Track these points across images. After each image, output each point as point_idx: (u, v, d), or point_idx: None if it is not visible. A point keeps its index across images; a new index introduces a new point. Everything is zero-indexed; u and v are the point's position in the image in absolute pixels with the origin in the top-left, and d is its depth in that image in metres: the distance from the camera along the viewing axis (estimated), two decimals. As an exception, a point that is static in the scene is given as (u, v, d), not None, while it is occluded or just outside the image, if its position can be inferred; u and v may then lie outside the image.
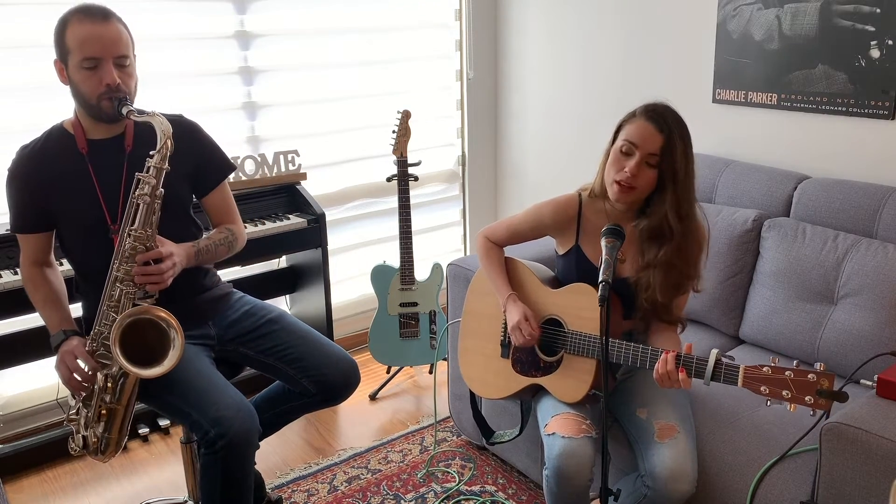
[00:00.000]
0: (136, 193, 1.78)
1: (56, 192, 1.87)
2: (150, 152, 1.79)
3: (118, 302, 1.79)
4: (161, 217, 1.82)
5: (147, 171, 1.79)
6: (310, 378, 2.03)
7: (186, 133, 1.96)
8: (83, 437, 1.86)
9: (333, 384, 2.04)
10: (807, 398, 1.55)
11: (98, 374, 1.81)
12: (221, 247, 2.01)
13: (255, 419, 1.86)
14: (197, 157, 1.99)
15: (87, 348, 1.82)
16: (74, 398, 1.87)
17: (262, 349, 2.05)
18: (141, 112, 1.80)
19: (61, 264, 2.09)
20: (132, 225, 1.78)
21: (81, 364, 1.79)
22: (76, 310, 2.00)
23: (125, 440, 1.90)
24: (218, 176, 2.06)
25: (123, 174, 1.88)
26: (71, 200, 1.88)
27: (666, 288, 1.84)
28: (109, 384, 1.80)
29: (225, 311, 2.09)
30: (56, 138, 1.90)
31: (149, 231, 1.79)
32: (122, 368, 1.74)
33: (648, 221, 1.85)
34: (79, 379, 1.80)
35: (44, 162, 1.87)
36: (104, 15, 1.80)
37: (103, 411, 1.83)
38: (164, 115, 1.94)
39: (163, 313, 1.77)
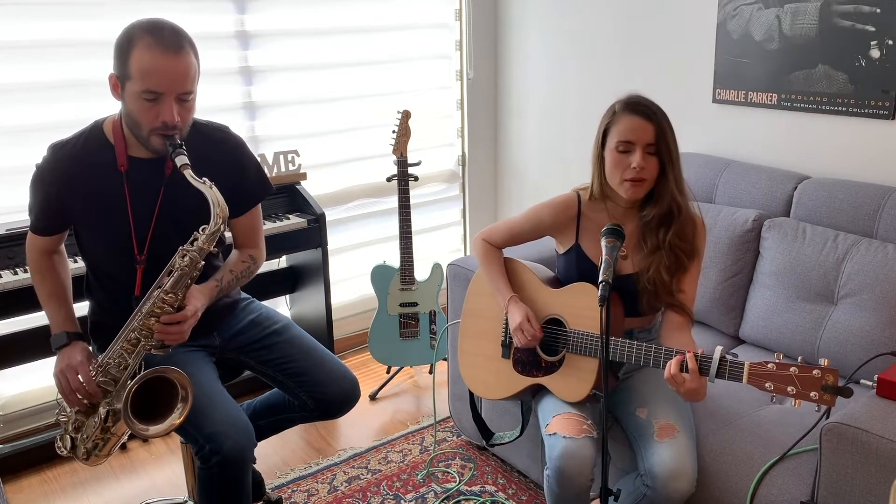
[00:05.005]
0: (177, 264, 1.72)
1: (87, 204, 1.79)
2: (202, 227, 1.72)
3: (133, 346, 1.75)
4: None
5: (192, 244, 1.72)
6: (309, 394, 2.01)
7: (231, 149, 1.90)
8: (71, 438, 1.83)
9: (332, 402, 2.03)
10: (812, 394, 1.54)
11: (101, 407, 1.77)
12: (242, 279, 1.96)
13: (251, 435, 1.83)
14: (237, 176, 1.90)
15: (90, 370, 1.77)
16: (68, 408, 1.83)
17: (263, 360, 2.03)
18: (195, 177, 1.69)
19: (74, 261, 2.00)
20: (164, 286, 1.72)
21: (82, 382, 1.75)
22: (81, 309, 1.96)
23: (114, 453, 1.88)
24: (253, 200, 1.98)
25: (159, 199, 1.80)
26: (100, 216, 1.80)
27: (669, 266, 1.85)
28: (111, 418, 1.77)
29: (230, 320, 2.05)
30: (95, 146, 1.78)
31: (179, 295, 1.73)
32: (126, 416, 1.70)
33: (658, 208, 1.85)
34: (78, 397, 1.76)
35: (79, 169, 1.77)
36: (177, 47, 1.66)
37: (99, 437, 1.80)
38: (210, 123, 1.83)
39: (179, 375, 1.71)
